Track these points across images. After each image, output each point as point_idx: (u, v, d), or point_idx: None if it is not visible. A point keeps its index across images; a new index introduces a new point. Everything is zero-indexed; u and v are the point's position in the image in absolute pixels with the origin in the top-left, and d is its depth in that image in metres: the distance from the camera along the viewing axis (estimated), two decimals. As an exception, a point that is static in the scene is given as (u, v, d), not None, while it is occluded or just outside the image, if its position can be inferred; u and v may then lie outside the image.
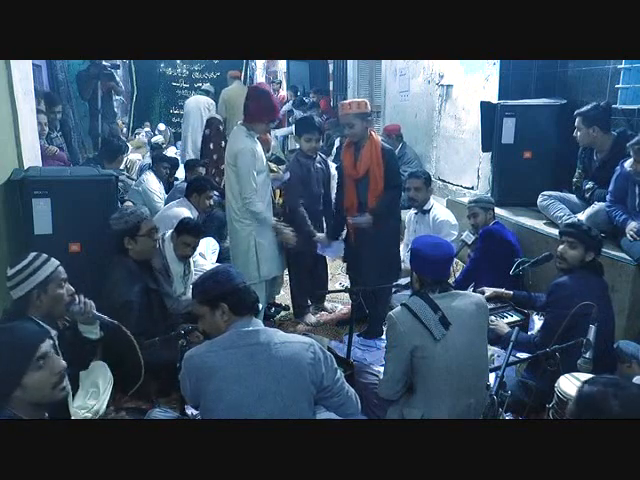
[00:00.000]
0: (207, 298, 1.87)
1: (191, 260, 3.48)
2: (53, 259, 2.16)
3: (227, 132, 6.37)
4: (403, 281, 3.32)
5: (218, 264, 3.88)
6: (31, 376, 1.45)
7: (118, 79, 7.10)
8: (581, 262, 2.55)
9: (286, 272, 3.91)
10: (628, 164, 3.06)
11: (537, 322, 3.19)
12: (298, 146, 3.89)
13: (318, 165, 3.70)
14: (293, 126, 9.10)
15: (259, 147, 3.34)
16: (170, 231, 3.38)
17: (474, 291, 3.18)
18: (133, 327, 2.56)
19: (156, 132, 8.99)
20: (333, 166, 4.33)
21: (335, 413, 1.96)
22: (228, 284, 1.87)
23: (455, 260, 4.03)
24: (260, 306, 2.75)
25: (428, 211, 3.92)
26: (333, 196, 3.86)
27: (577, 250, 2.55)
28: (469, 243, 3.58)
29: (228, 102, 6.69)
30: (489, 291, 3.11)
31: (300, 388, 1.78)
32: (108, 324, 2.18)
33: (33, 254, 2.14)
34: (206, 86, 7.78)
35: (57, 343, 1.91)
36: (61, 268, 2.16)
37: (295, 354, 1.79)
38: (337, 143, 6.91)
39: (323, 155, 3.90)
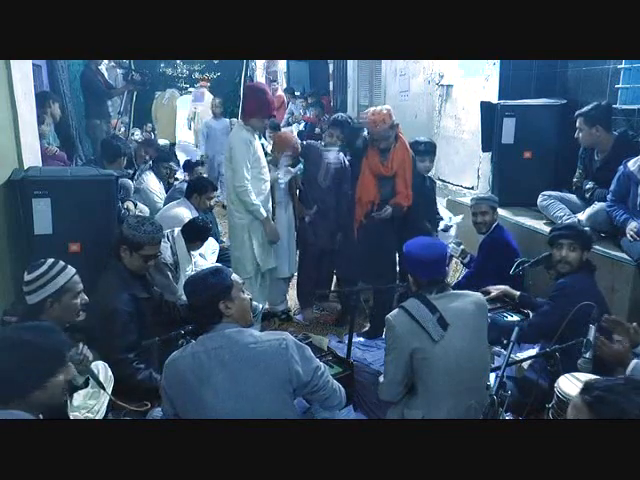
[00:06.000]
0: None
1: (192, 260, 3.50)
2: (69, 267, 2.15)
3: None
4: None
5: (218, 265, 3.90)
6: (56, 379, 1.50)
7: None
8: (580, 263, 2.55)
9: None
10: (631, 164, 3.05)
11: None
12: None
13: (332, 159, 3.68)
14: (293, 126, 9.16)
15: (257, 143, 3.39)
16: (178, 228, 3.39)
17: (478, 290, 3.17)
18: (119, 336, 2.54)
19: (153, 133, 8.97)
20: None
21: (320, 407, 2.00)
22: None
23: (455, 261, 4.03)
24: (255, 303, 2.75)
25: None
26: None
27: (577, 252, 2.57)
28: (457, 255, 3.56)
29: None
30: (495, 291, 3.09)
31: (269, 388, 1.77)
32: (97, 379, 2.16)
33: (51, 261, 2.13)
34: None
35: None
36: (77, 277, 2.16)
37: (263, 354, 1.79)
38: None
39: (342, 154, 3.87)
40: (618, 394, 1.14)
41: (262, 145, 3.85)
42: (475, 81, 4.99)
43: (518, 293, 3.11)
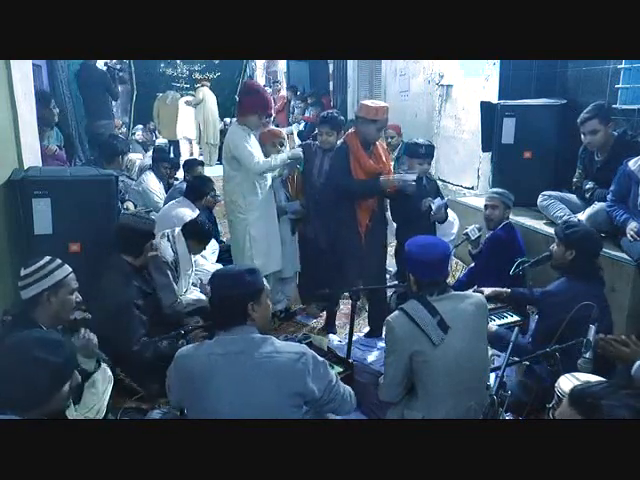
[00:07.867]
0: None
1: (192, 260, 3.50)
2: (66, 265, 2.18)
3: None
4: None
5: (218, 264, 3.92)
6: (62, 391, 1.53)
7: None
8: (564, 260, 2.54)
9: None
10: (632, 163, 3.05)
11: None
12: None
13: (326, 159, 3.65)
14: (293, 126, 9.17)
15: (255, 142, 3.39)
16: (179, 228, 3.39)
17: (474, 291, 3.15)
18: (136, 328, 2.57)
19: (157, 132, 9.00)
20: None
21: (332, 414, 1.98)
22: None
23: (455, 261, 4.03)
24: None
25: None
26: None
27: (559, 247, 2.57)
28: (472, 239, 3.42)
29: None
30: (488, 290, 3.07)
31: (279, 398, 1.73)
32: (106, 361, 2.22)
33: (48, 258, 2.15)
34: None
35: None
36: (73, 275, 2.18)
37: (281, 366, 1.74)
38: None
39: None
40: (613, 400, 1.11)
41: None
42: (475, 81, 4.99)
43: (509, 290, 3.04)
